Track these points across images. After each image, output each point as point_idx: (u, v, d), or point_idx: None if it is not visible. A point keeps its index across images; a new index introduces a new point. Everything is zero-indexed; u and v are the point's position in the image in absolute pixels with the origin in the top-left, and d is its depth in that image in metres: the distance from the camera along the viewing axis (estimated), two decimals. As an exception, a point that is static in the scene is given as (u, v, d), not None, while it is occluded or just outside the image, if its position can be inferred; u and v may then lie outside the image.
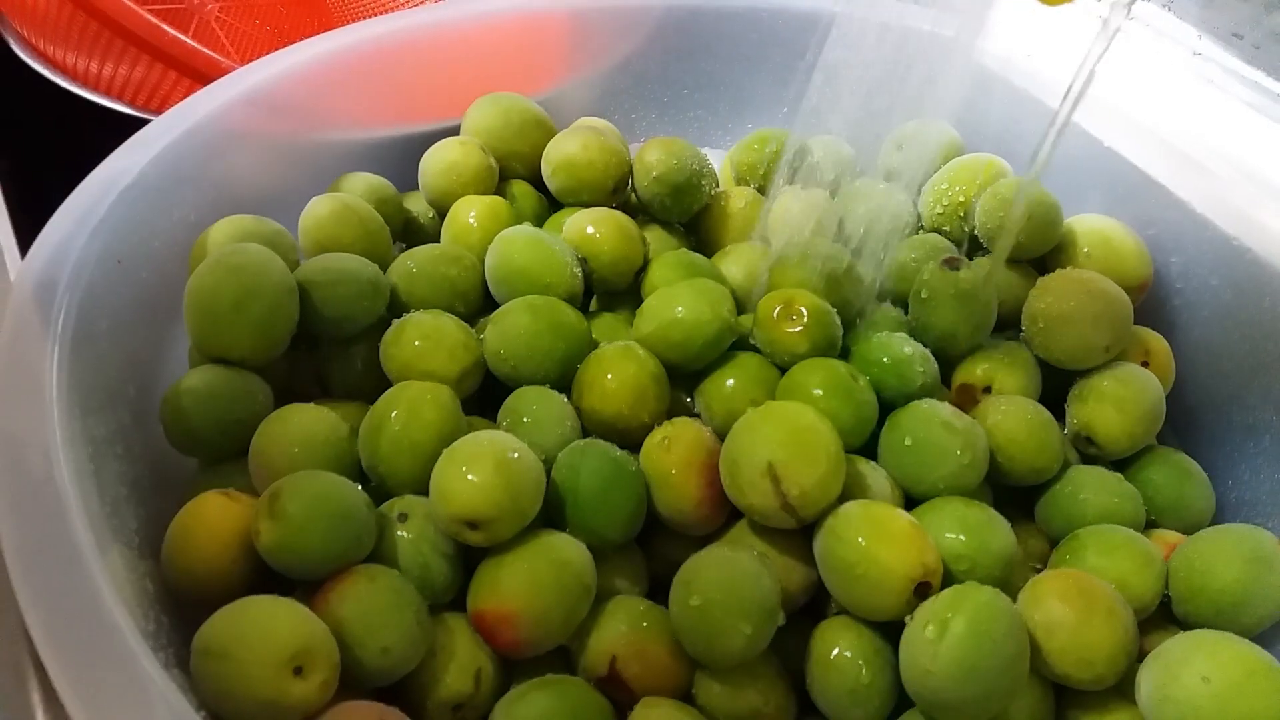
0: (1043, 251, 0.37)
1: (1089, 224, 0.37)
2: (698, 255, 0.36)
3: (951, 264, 0.34)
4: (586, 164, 0.38)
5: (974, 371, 0.34)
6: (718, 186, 0.41)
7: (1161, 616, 0.30)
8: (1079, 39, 0.49)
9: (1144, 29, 0.49)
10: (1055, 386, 0.35)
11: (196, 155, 0.34)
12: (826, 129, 0.35)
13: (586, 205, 0.38)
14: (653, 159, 0.38)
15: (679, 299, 0.32)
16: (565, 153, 0.38)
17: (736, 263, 0.37)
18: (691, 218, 0.40)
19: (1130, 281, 0.35)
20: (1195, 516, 0.33)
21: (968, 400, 0.33)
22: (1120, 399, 0.33)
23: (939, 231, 0.38)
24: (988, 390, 0.34)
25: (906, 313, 0.35)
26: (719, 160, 0.44)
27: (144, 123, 0.34)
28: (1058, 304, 0.34)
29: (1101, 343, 0.33)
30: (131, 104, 0.47)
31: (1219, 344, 0.36)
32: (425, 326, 0.31)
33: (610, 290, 0.37)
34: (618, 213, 0.37)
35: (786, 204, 0.37)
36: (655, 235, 0.39)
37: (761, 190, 0.40)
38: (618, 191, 0.39)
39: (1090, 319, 0.33)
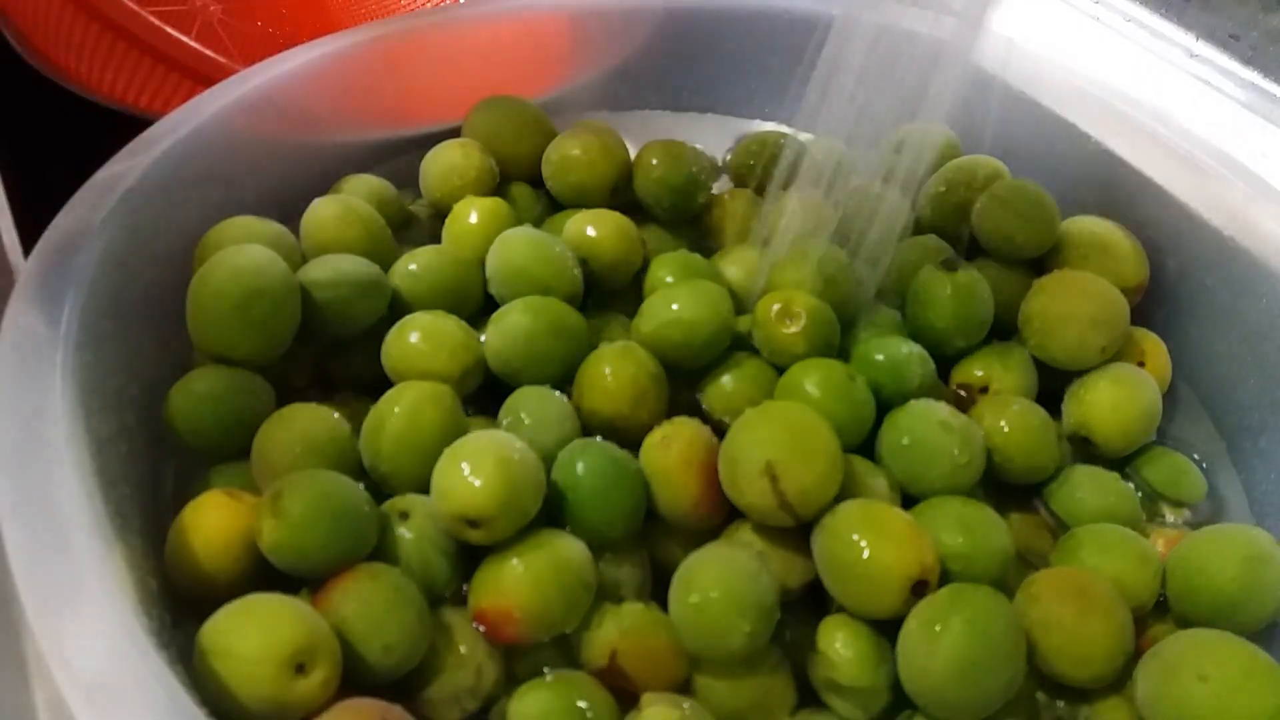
0: (1040, 253, 0.37)
1: (1086, 226, 0.37)
2: (697, 256, 0.37)
3: (948, 265, 0.34)
4: (586, 165, 0.38)
5: (971, 372, 0.34)
6: (716, 187, 0.41)
7: (1159, 615, 0.30)
8: (1077, 40, 0.50)
9: (1141, 30, 0.49)
10: (1051, 386, 0.35)
11: (199, 157, 0.35)
12: (825, 131, 0.35)
13: (586, 206, 0.38)
14: (653, 160, 0.39)
15: (678, 299, 0.32)
16: (565, 154, 0.39)
17: (735, 263, 0.37)
18: (691, 218, 0.40)
19: (1127, 283, 0.35)
20: (1191, 515, 0.33)
21: (965, 400, 0.34)
22: (1116, 399, 0.33)
23: (936, 232, 0.39)
24: (985, 390, 0.34)
25: (904, 313, 0.35)
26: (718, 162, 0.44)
27: (147, 124, 0.35)
28: (1054, 305, 0.34)
29: (1098, 343, 0.33)
30: (134, 105, 0.47)
31: (1215, 345, 0.36)
32: (427, 327, 0.32)
33: (610, 290, 0.37)
34: (617, 214, 0.37)
35: (785, 205, 0.37)
36: (655, 235, 0.39)
37: (760, 192, 0.41)
38: (617, 193, 0.39)
39: (1087, 320, 0.33)
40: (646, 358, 0.32)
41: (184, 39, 0.45)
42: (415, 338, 0.31)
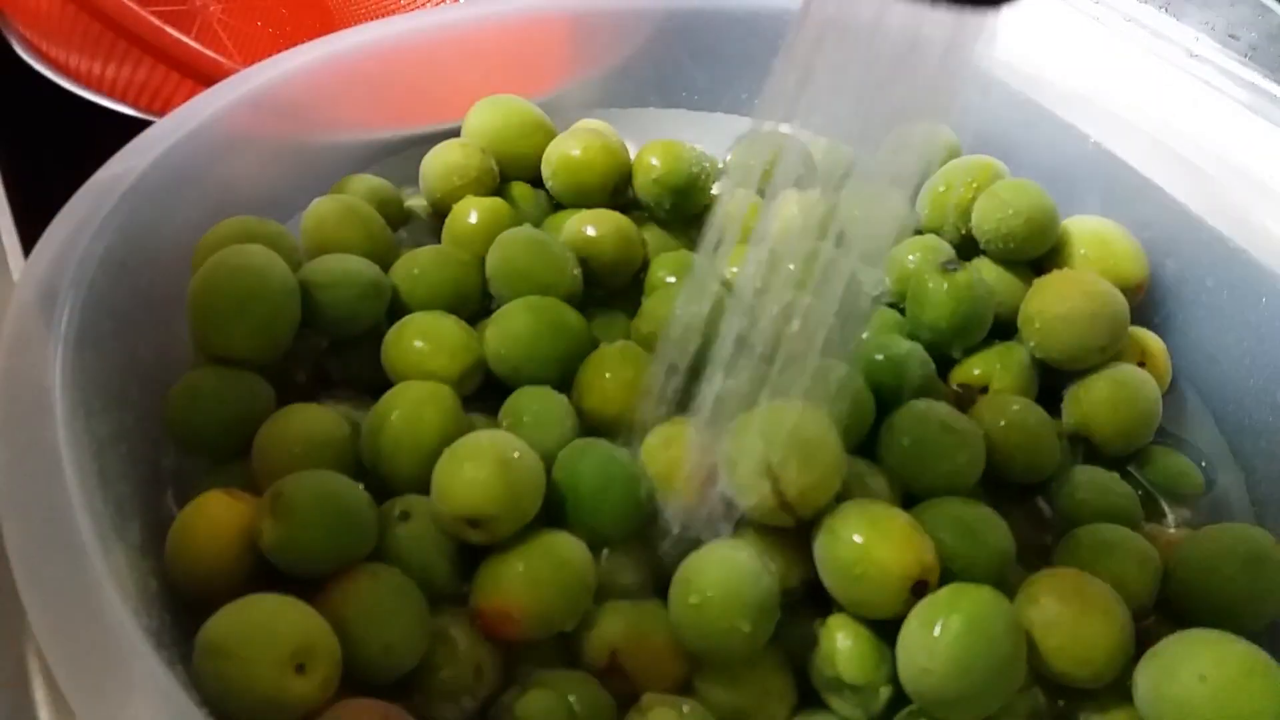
0: (1039, 253, 0.37)
1: (1086, 225, 0.37)
2: (697, 255, 0.37)
3: (948, 266, 0.34)
4: (586, 165, 0.38)
5: (971, 371, 0.34)
6: (716, 187, 0.41)
7: (1159, 615, 0.30)
8: (1076, 40, 0.50)
9: (1141, 30, 0.49)
10: (1051, 386, 0.35)
11: (199, 157, 0.35)
12: (826, 131, 0.35)
13: (586, 206, 0.38)
14: (653, 161, 0.39)
15: (678, 300, 0.32)
16: (565, 154, 0.39)
17: (736, 264, 0.37)
18: (691, 218, 0.40)
19: (1127, 282, 0.35)
20: (1191, 515, 0.33)
21: (965, 400, 0.34)
22: (1116, 400, 0.33)
23: (936, 233, 0.39)
24: (984, 390, 0.34)
25: (904, 313, 0.35)
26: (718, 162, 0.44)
27: (146, 124, 0.35)
28: (1054, 305, 0.34)
29: (1098, 343, 0.33)
30: (134, 105, 0.47)
31: (1215, 345, 0.36)
32: (426, 327, 0.32)
33: (610, 290, 0.37)
34: (617, 214, 0.37)
35: (785, 206, 0.37)
36: (654, 235, 0.39)
37: (760, 192, 0.40)
38: (618, 193, 0.39)
39: (1087, 319, 0.33)
40: (647, 358, 0.32)
41: (184, 39, 0.45)
42: (415, 338, 0.31)
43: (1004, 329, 0.36)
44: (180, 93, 0.46)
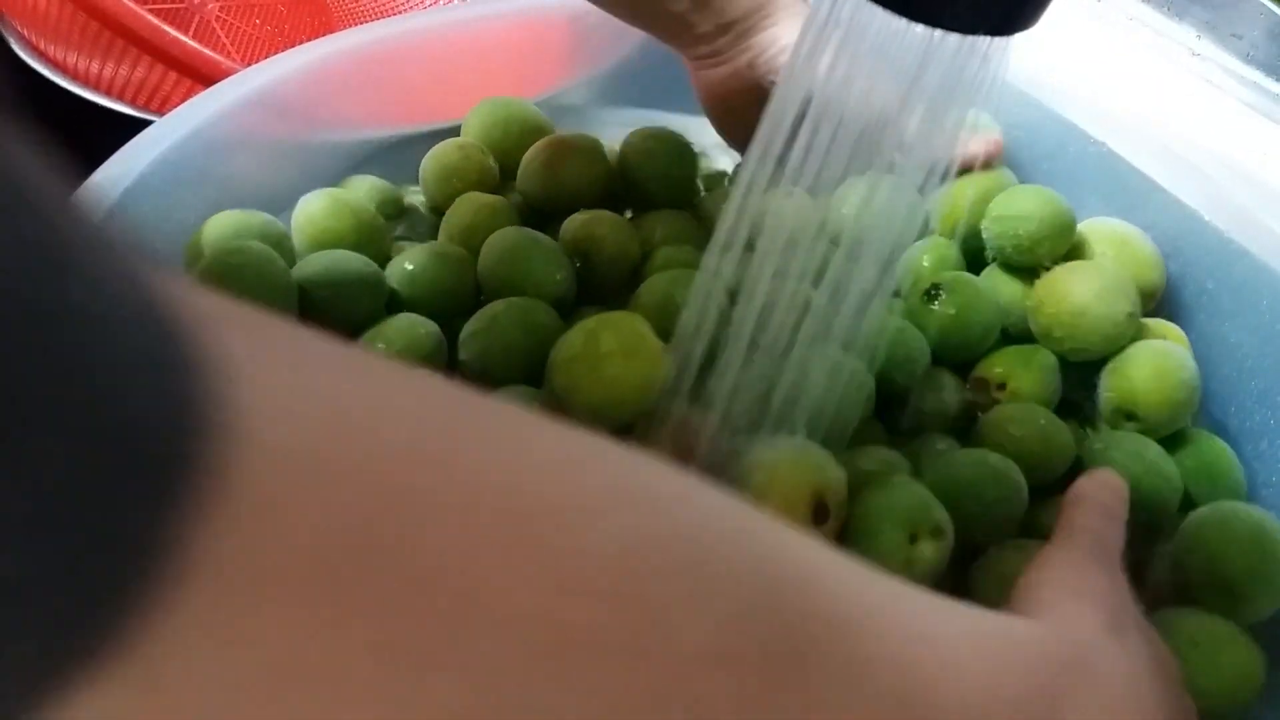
0: (1052, 258, 0.36)
1: (1104, 228, 0.36)
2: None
3: (930, 295, 0.34)
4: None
5: (990, 369, 0.34)
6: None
7: (1172, 600, 0.30)
8: (1079, 40, 0.49)
9: (1143, 29, 0.49)
10: (1069, 388, 0.34)
11: (198, 157, 0.34)
12: (831, 132, 0.35)
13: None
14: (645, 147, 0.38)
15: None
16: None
17: (745, 266, 0.37)
18: (694, 210, 0.40)
19: (1145, 287, 0.35)
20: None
21: (982, 394, 0.33)
22: (1159, 368, 0.32)
23: (945, 236, 0.38)
24: (1002, 387, 0.34)
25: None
26: (724, 162, 0.44)
27: (145, 123, 0.34)
28: (1067, 293, 0.33)
29: (1124, 308, 0.33)
30: (132, 104, 0.47)
31: (1217, 347, 0.36)
32: (395, 335, 0.32)
33: (610, 290, 0.37)
34: (614, 214, 0.37)
35: (791, 206, 0.37)
36: (661, 219, 0.38)
37: (769, 193, 0.40)
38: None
39: (1105, 292, 0.33)
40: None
41: (182, 37, 0.45)
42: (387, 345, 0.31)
43: (1021, 339, 0.35)
44: (179, 92, 0.46)
